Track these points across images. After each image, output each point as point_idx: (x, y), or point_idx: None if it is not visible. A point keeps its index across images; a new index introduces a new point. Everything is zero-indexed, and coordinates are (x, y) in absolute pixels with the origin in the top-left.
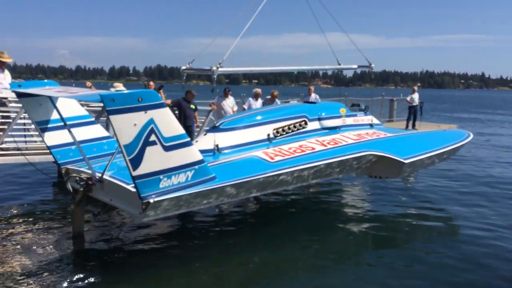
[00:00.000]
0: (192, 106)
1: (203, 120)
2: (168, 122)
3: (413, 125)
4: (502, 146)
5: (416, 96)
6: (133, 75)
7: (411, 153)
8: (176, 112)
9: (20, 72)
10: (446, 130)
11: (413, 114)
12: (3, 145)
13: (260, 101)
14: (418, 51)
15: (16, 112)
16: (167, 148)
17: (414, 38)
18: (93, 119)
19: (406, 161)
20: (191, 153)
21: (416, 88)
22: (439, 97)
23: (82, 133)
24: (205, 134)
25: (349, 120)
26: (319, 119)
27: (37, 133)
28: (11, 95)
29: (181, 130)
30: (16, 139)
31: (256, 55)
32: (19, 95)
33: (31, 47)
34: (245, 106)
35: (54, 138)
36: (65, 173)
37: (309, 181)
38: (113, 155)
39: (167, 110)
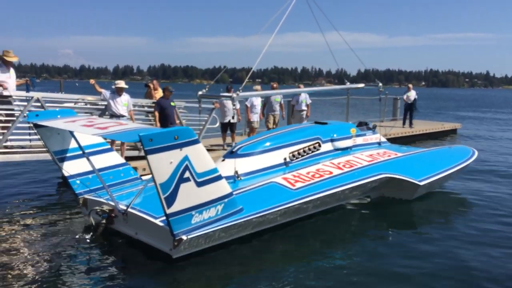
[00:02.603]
0: (172, 104)
1: (206, 118)
2: (201, 158)
3: (410, 123)
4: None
5: (411, 94)
6: (137, 74)
7: (424, 174)
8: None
9: (25, 72)
10: (451, 147)
11: (409, 111)
12: (8, 143)
13: (260, 98)
14: (422, 50)
15: (20, 110)
16: (199, 184)
17: (416, 37)
18: (108, 146)
19: (421, 183)
20: (222, 187)
21: (411, 86)
22: (444, 96)
23: (99, 161)
24: (223, 160)
25: (359, 140)
26: (332, 140)
27: None
28: (16, 94)
29: (212, 165)
30: (20, 137)
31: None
32: (36, 125)
33: (35, 47)
34: (247, 103)
35: (72, 167)
36: (83, 204)
37: (329, 205)
38: (141, 190)
39: (200, 146)
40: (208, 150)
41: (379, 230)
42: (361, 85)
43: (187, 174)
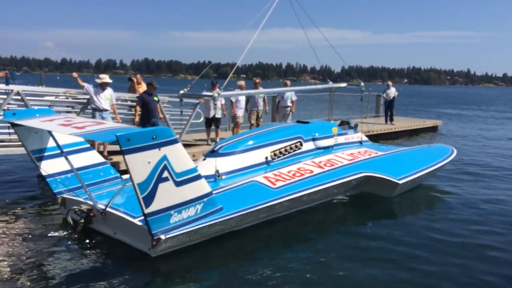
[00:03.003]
0: (156, 98)
1: (190, 113)
2: (180, 157)
3: (391, 119)
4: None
5: (391, 91)
6: (120, 68)
7: (403, 173)
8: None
9: (5, 64)
10: (431, 146)
11: (389, 108)
12: None
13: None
14: (405, 47)
15: None
16: (178, 183)
17: (400, 34)
18: (88, 145)
19: (400, 182)
20: (201, 186)
21: (390, 83)
22: (425, 93)
23: (78, 160)
24: (204, 159)
25: (341, 139)
26: (314, 140)
27: None
28: None
29: (192, 164)
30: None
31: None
32: (13, 124)
33: (15, 39)
34: (232, 99)
35: (49, 167)
36: (61, 203)
37: (309, 203)
38: (119, 190)
39: (179, 146)
40: (192, 145)
41: (357, 225)
42: (343, 84)
43: (165, 174)
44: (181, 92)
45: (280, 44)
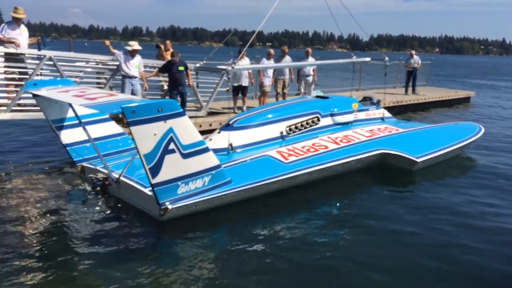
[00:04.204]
0: (180, 68)
1: (217, 81)
2: (186, 130)
3: (413, 90)
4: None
5: (414, 61)
6: (146, 36)
7: (423, 151)
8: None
9: (35, 31)
10: (457, 123)
11: (412, 78)
12: (21, 101)
13: (272, 61)
14: (437, 15)
15: (33, 69)
16: (185, 156)
17: (431, 1)
18: (107, 116)
19: (419, 160)
20: (208, 159)
21: (413, 52)
22: (458, 62)
23: (97, 131)
24: (219, 132)
25: (361, 115)
26: (332, 115)
27: None
28: (28, 51)
29: (199, 137)
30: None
31: (270, 16)
32: (34, 94)
33: (44, 5)
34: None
35: (69, 136)
36: (80, 171)
37: (326, 176)
38: (132, 158)
39: (186, 119)
40: (219, 113)
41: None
42: (367, 59)
43: (172, 146)
44: (197, 65)
45: (307, 12)
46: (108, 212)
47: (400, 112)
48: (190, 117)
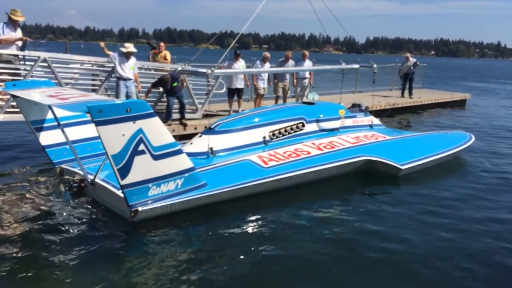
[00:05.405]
0: (174, 84)
1: (212, 83)
2: (157, 132)
3: (410, 93)
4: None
5: (410, 64)
6: (142, 37)
7: (408, 158)
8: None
9: (30, 32)
10: (448, 132)
11: (408, 81)
12: (14, 103)
13: (268, 64)
14: (433, 18)
15: (27, 70)
16: (156, 157)
17: (428, 4)
18: (88, 118)
19: (403, 167)
20: (181, 161)
21: (409, 55)
22: (453, 65)
23: (77, 132)
24: (200, 136)
25: (348, 122)
26: (317, 121)
27: None
28: (21, 53)
29: (170, 139)
30: None
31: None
32: (13, 95)
33: (39, 7)
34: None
35: (48, 137)
36: (59, 173)
37: (304, 181)
38: (104, 160)
39: (156, 120)
40: (214, 115)
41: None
42: (356, 66)
43: (141, 147)
44: (179, 68)
45: (304, 14)
46: (83, 213)
47: (395, 114)
48: (187, 119)
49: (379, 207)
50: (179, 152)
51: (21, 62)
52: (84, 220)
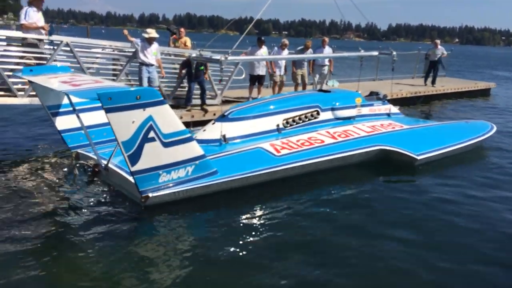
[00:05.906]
0: (201, 68)
1: (232, 69)
2: (167, 119)
3: (433, 81)
4: None
5: (438, 51)
6: (162, 23)
7: (425, 148)
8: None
9: (52, 17)
10: (469, 121)
11: (433, 69)
12: None
13: (286, 51)
14: (458, 4)
15: (50, 54)
16: (166, 144)
17: None
18: None
19: (419, 157)
20: (192, 149)
21: (438, 42)
22: (477, 53)
23: (93, 118)
24: (213, 123)
25: (365, 110)
26: (333, 109)
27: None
28: (45, 37)
29: (181, 126)
30: None
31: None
32: (29, 80)
33: None
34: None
35: (64, 122)
36: (75, 157)
37: (318, 169)
38: (116, 146)
39: (166, 107)
40: (233, 101)
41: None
42: (375, 53)
43: (151, 134)
44: (193, 55)
45: None
46: (96, 197)
47: (418, 103)
48: (207, 104)
49: (395, 196)
50: (189, 139)
51: (45, 47)
52: (97, 203)
